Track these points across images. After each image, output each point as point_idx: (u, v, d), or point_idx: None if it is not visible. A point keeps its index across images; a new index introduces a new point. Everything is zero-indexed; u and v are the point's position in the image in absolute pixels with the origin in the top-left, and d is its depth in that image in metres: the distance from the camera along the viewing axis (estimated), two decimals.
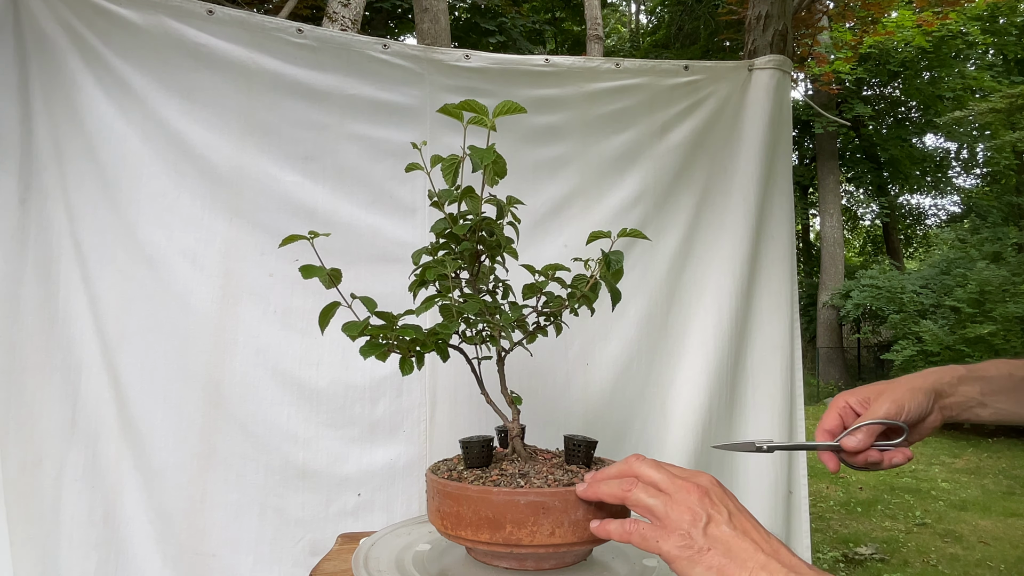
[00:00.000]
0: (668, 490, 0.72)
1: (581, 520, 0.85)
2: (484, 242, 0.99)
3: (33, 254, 1.29)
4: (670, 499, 0.71)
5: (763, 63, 1.66)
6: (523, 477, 0.90)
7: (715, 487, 0.72)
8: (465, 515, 0.88)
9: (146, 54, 1.36)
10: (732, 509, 0.70)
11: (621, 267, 0.98)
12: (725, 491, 0.73)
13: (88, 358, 1.30)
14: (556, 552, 0.88)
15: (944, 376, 0.89)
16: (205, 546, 1.33)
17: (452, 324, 0.92)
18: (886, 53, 13.25)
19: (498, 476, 0.91)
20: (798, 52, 6.63)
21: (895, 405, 0.86)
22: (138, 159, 1.35)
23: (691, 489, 0.71)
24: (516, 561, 0.91)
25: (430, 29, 4.41)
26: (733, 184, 1.64)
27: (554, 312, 1.04)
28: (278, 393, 1.40)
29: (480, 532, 0.86)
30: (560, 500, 0.85)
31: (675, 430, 1.57)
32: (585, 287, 1.00)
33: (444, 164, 0.95)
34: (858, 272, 14.03)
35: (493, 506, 0.85)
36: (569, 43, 15.71)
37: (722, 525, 0.67)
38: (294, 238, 0.93)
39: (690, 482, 0.72)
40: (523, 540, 0.84)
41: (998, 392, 0.90)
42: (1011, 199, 13.31)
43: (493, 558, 0.93)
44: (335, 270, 0.94)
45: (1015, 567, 4.38)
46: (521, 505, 0.84)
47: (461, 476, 0.93)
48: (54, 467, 1.27)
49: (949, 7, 6.91)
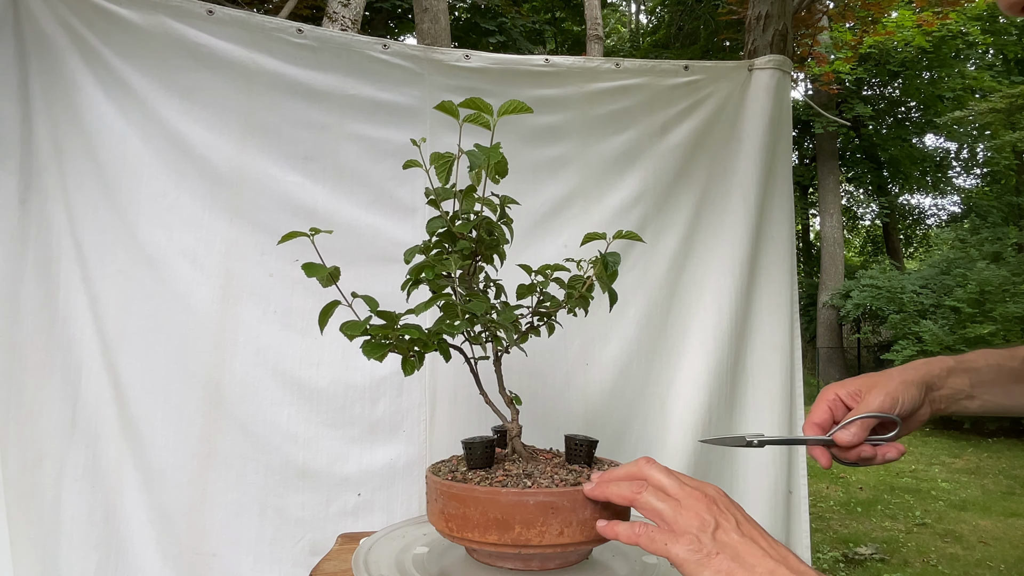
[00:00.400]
0: (677, 496, 0.72)
1: (588, 520, 0.85)
2: (483, 241, 0.99)
3: (33, 254, 1.29)
4: (679, 504, 0.71)
5: (763, 63, 1.66)
6: (528, 477, 0.90)
7: (722, 497, 0.73)
8: (472, 517, 0.87)
9: (146, 54, 1.36)
10: (740, 518, 0.70)
11: (616, 269, 0.98)
12: (732, 501, 0.73)
13: (88, 358, 1.30)
14: (563, 552, 0.88)
15: (934, 368, 0.88)
16: (205, 546, 1.33)
17: (460, 323, 0.92)
18: (886, 53, 13.25)
19: (503, 477, 0.91)
20: (798, 52, 6.63)
21: (889, 398, 0.84)
22: (138, 159, 1.35)
23: (699, 497, 0.71)
24: (522, 562, 0.91)
25: (430, 29, 4.41)
26: (733, 184, 1.64)
27: (548, 312, 1.04)
28: (278, 393, 1.40)
29: (488, 534, 0.86)
30: (569, 500, 0.85)
31: (675, 430, 1.57)
32: (581, 288, 1.00)
33: (438, 163, 0.94)
34: (858, 272, 14.04)
35: (502, 507, 0.85)
36: (569, 43, 15.71)
37: (731, 532, 0.68)
38: (294, 235, 0.93)
39: (699, 490, 0.73)
40: (532, 540, 0.84)
41: (986, 383, 0.89)
42: (1011, 199, 13.31)
43: (498, 559, 0.93)
44: (334, 268, 0.94)
45: (1015, 567, 4.38)
46: (530, 505, 0.84)
47: (466, 477, 0.92)
48: (54, 467, 1.27)
49: (949, 7, 6.91)
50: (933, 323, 9.81)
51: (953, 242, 11.96)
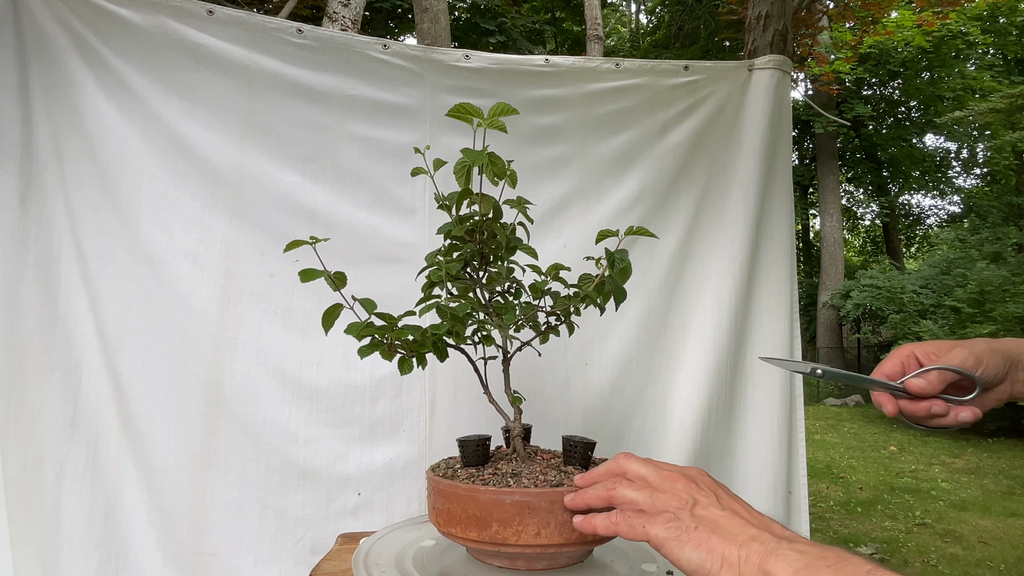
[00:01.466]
0: (654, 483, 0.71)
1: (567, 522, 0.84)
2: (487, 243, 0.99)
3: (33, 254, 1.29)
4: (655, 491, 0.70)
5: (763, 63, 1.66)
6: (514, 477, 0.91)
7: (703, 476, 0.71)
8: (455, 512, 0.89)
9: (146, 54, 1.36)
10: (721, 494, 0.69)
11: (628, 265, 0.98)
12: (714, 481, 0.71)
13: (89, 358, 1.30)
14: (544, 553, 0.87)
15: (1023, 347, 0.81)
16: (206, 545, 1.33)
17: (443, 324, 0.93)
18: (886, 53, 13.25)
19: (490, 475, 0.92)
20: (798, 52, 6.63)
21: (972, 356, 0.77)
22: (138, 159, 1.35)
23: (677, 478, 0.70)
24: (508, 560, 0.91)
25: (430, 29, 4.41)
26: (733, 184, 1.64)
27: (564, 312, 1.04)
28: (278, 393, 1.40)
29: (468, 530, 0.87)
30: (546, 501, 0.85)
31: (674, 430, 1.58)
32: (589, 287, 1.00)
33: (456, 166, 0.96)
34: (858, 272, 14.04)
35: (480, 505, 0.86)
36: (569, 43, 15.71)
37: (710, 507, 0.66)
38: (298, 243, 0.94)
39: (677, 473, 0.71)
40: (509, 539, 0.85)
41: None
42: (1011, 199, 13.30)
43: (487, 556, 0.94)
44: (339, 273, 0.94)
45: (1015, 567, 4.38)
46: (507, 504, 0.85)
47: (455, 474, 0.94)
48: (54, 467, 1.27)
49: (949, 7, 6.91)
50: (933, 323, 9.81)
51: (953, 242, 11.95)
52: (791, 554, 0.57)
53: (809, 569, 0.55)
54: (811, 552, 0.57)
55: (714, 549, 0.61)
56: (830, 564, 0.55)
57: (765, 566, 0.57)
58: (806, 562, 0.56)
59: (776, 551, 0.58)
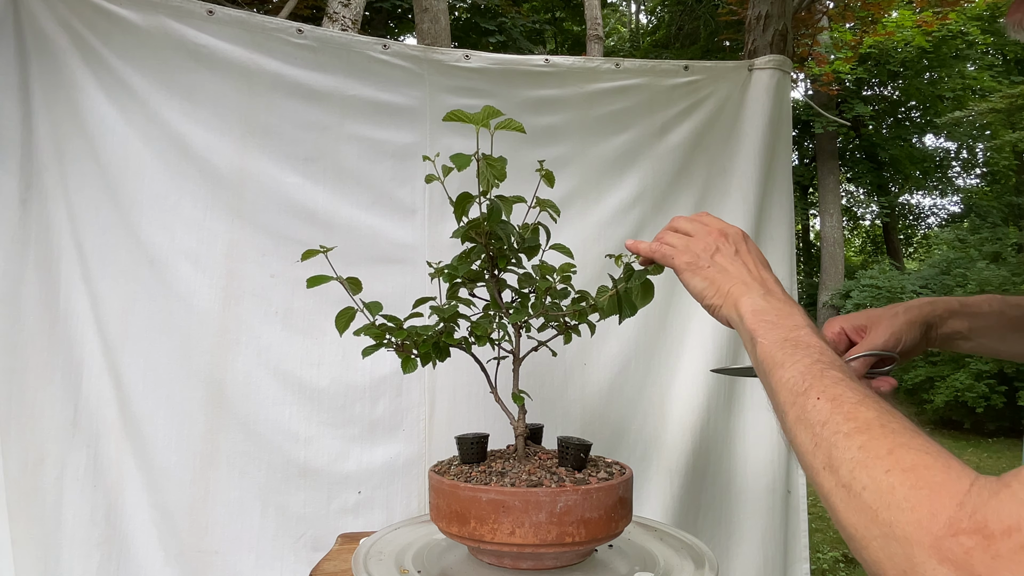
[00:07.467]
0: (692, 232, 0.84)
1: (543, 523, 0.85)
2: (493, 247, 1.00)
3: (34, 254, 1.29)
4: (691, 238, 0.83)
5: (763, 63, 1.66)
6: (500, 475, 0.92)
7: (736, 233, 0.82)
8: (441, 507, 0.92)
9: (146, 55, 1.36)
10: (742, 249, 0.81)
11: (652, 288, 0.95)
12: (745, 240, 0.82)
13: (89, 358, 1.31)
14: (522, 552, 0.88)
15: (938, 308, 0.90)
16: (207, 544, 1.34)
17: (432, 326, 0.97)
18: (886, 53, 13.23)
19: (478, 472, 0.94)
20: (798, 52, 6.63)
21: (893, 337, 0.85)
22: (139, 160, 1.35)
23: (711, 231, 0.83)
24: (496, 558, 0.93)
25: (430, 29, 4.41)
26: (732, 184, 1.64)
27: (580, 313, 1.04)
28: (279, 392, 1.40)
29: (451, 525, 0.91)
30: (520, 500, 0.86)
31: (673, 429, 1.58)
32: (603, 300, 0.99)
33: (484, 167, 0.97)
34: (858, 272, 14.03)
35: (460, 501, 0.89)
36: (569, 43, 15.70)
37: (727, 255, 0.80)
38: (312, 253, 0.95)
39: (714, 228, 0.83)
40: (485, 536, 0.87)
41: (985, 328, 0.90)
42: (1011, 199, 13.30)
43: (477, 553, 0.96)
44: (353, 279, 0.96)
45: None
46: (483, 502, 0.87)
47: (448, 470, 0.97)
48: (56, 466, 1.28)
49: (949, 7, 6.92)
50: None
51: (953, 242, 11.95)
52: (758, 299, 0.73)
53: (762, 312, 0.70)
54: (772, 302, 0.72)
55: (714, 282, 0.78)
56: (778, 310, 0.70)
57: (738, 301, 0.74)
58: (763, 306, 0.71)
59: (749, 293, 0.74)
